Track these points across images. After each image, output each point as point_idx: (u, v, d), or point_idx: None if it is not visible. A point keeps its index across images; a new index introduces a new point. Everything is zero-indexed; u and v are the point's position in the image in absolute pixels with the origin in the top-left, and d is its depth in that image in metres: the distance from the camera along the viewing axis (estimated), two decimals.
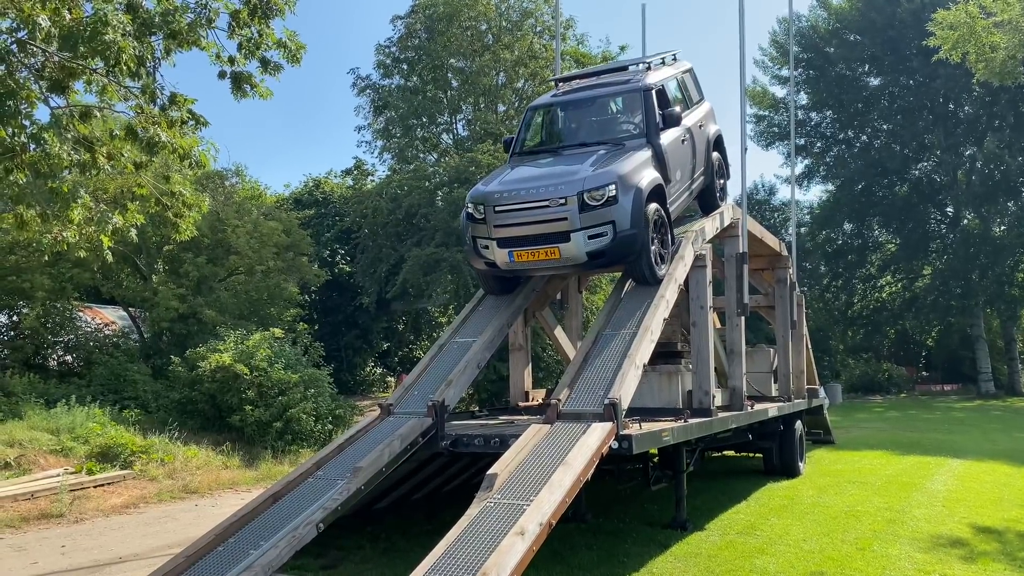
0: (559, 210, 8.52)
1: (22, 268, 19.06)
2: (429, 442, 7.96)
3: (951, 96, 38.79)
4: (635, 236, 8.57)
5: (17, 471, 12.68)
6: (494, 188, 9.05)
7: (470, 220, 9.22)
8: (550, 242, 8.64)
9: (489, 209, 8.86)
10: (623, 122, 10.25)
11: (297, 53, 9.11)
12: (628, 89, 10.19)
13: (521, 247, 8.81)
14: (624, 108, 10.33)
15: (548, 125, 10.86)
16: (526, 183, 8.94)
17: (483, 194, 9.06)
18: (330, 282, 28.88)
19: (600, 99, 10.42)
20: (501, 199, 8.84)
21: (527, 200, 8.70)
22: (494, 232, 8.90)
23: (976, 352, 39.37)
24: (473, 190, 9.43)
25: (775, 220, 43.97)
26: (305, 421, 16.63)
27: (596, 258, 8.70)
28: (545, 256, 8.73)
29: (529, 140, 10.66)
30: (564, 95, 10.78)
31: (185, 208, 9.99)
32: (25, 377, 17.39)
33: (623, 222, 8.51)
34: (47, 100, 8.42)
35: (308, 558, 7.66)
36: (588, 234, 8.52)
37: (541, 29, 28.65)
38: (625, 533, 9.14)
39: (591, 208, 8.46)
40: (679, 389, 9.99)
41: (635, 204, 8.57)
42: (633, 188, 8.63)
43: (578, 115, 10.49)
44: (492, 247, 8.96)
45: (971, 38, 22.77)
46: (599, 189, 8.47)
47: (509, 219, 8.79)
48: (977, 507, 10.53)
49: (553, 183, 8.70)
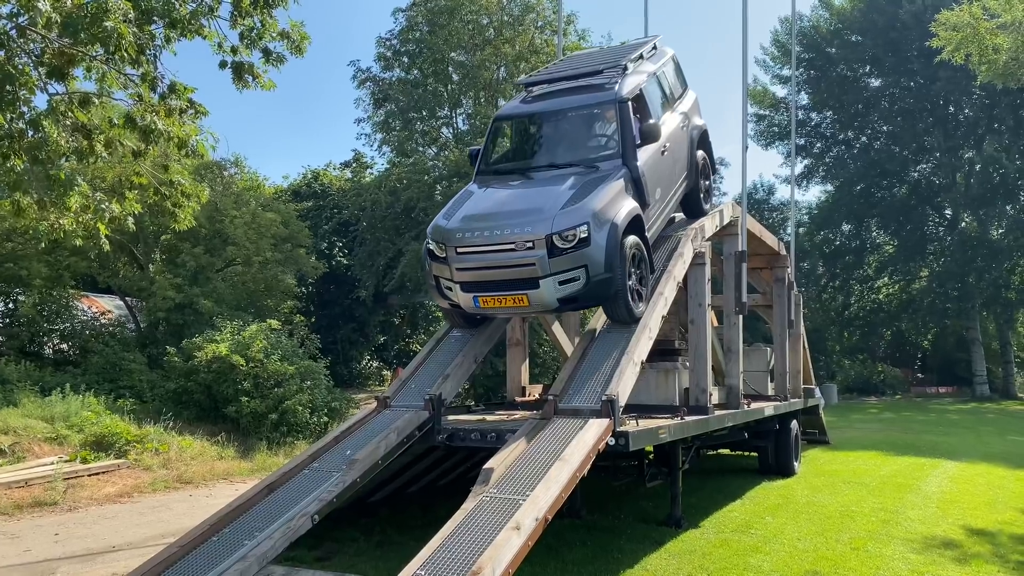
0: (526, 254, 7.72)
1: (19, 255, 19.03)
2: (425, 436, 7.95)
3: (951, 98, 38.85)
4: (610, 280, 7.80)
5: (11, 459, 12.66)
6: (455, 225, 8.16)
7: (431, 258, 8.41)
8: (517, 288, 7.88)
9: (450, 249, 8.08)
10: (597, 136, 9.29)
11: (301, 44, 9.05)
12: (601, 100, 9.16)
13: (486, 292, 8.05)
14: (597, 121, 9.33)
15: (516, 138, 9.97)
16: (489, 221, 8.05)
17: (444, 232, 8.20)
18: (328, 274, 28.86)
19: (571, 111, 9.33)
20: (463, 239, 8.01)
21: (491, 243, 7.88)
22: (456, 275, 8.14)
23: (972, 355, 39.47)
24: (433, 224, 8.56)
25: (773, 220, 44.00)
26: (301, 413, 16.63)
27: (569, 303, 8.08)
28: (513, 303, 7.99)
29: (496, 155, 9.78)
30: (533, 102, 9.81)
31: (184, 198, 9.96)
32: (20, 365, 17.35)
33: (597, 265, 7.74)
34: (46, 87, 8.38)
35: (302, 550, 7.65)
36: (559, 279, 7.75)
37: (543, 24, 28.58)
38: (620, 530, 9.15)
39: (562, 252, 7.66)
40: (676, 387, 9.98)
41: (610, 243, 7.77)
42: (608, 224, 7.81)
43: (547, 129, 9.51)
44: (456, 290, 8.23)
45: (974, 40, 22.75)
46: (570, 230, 7.65)
47: (472, 262, 8.01)
48: (971, 509, 10.55)
49: (519, 222, 7.85)
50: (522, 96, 10.23)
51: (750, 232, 11.86)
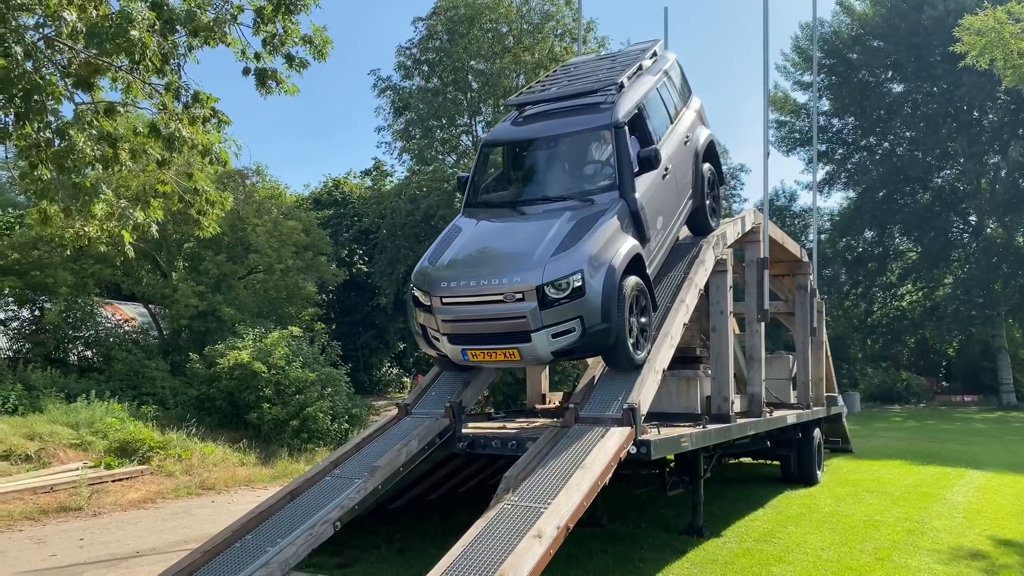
0: (516, 307, 7.10)
1: (45, 264, 19.29)
2: (446, 443, 7.96)
3: (975, 103, 38.42)
4: (608, 330, 7.18)
5: (37, 464, 12.80)
6: (440, 273, 7.60)
7: (417, 306, 7.83)
8: (508, 342, 7.31)
9: (435, 299, 7.50)
10: (592, 163, 8.68)
11: (324, 49, 9.11)
12: (595, 125, 8.48)
13: (475, 345, 7.49)
14: (592, 146, 8.71)
15: (505, 166, 9.36)
16: (476, 268, 7.50)
17: (428, 279, 7.64)
18: (348, 282, 29.03)
19: (563, 137, 8.68)
20: (448, 289, 7.41)
21: (477, 293, 7.27)
22: (442, 327, 7.57)
23: (998, 363, 38.91)
24: (418, 268, 7.95)
25: (795, 226, 43.67)
26: (321, 420, 16.71)
27: (564, 355, 7.56)
28: (504, 357, 7.44)
29: (485, 184, 9.15)
30: (523, 126, 9.10)
31: (208, 205, 10.04)
32: (46, 372, 17.58)
33: (593, 316, 7.13)
34: (72, 96, 8.49)
35: (323, 556, 7.65)
36: (552, 332, 7.15)
37: (562, 32, 28.66)
38: (641, 538, 9.09)
39: (555, 303, 7.06)
40: (698, 394, 9.93)
41: (607, 290, 7.15)
42: (604, 269, 7.20)
43: (539, 156, 8.88)
44: (443, 341, 7.66)
45: (999, 44, 22.51)
46: (563, 279, 7.05)
47: (458, 314, 7.45)
48: (998, 520, 10.39)
49: (507, 269, 7.26)
50: (513, 116, 9.45)
51: (772, 239, 11.79)
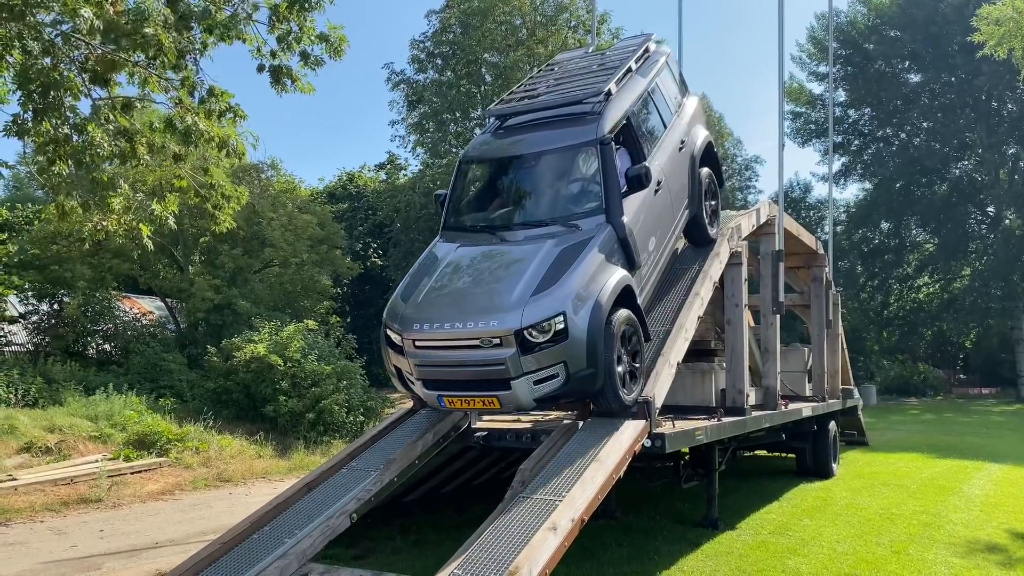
0: (493, 353, 6.49)
1: (63, 258, 19.50)
2: (461, 436, 8.00)
3: (994, 93, 38.05)
4: (594, 375, 6.61)
5: (58, 456, 12.96)
6: (412, 313, 6.98)
7: (389, 346, 7.19)
8: (486, 389, 6.70)
9: (408, 341, 6.87)
10: (577, 181, 7.94)
11: (339, 46, 9.09)
12: (578, 142, 7.81)
13: (451, 392, 6.88)
14: (576, 163, 7.96)
15: (484, 185, 8.64)
16: (450, 310, 6.85)
17: (400, 318, 7.03)
18: (363, 275, 29.13)
19: (545, 154, 7.98)
20: (420, 332, 6.79)
21: (451, 337, 6.65)
22: (416, 371, 6.96)
23: (1016, 355, 38.60)
24: (390, 304, 7.37)
25: (810, 218, 43.46)
26: (337, 412, 16.81)
27: (548, 401, 6.91)
28: (483, 405, 6.85)
29: (463, 203, 8.56)
30: (503, 139, 8.46)
31: (224, 200, 10.08)
32: (66, 365, 17.79)
33: (578, 360, 6.53)
34: (89, 92, 8.56)
35: (340, 548, 7.73)
36: (534, 379, 6.54)
37: (576, 24, 28.59)
38: (655, 531, 9.10)
39: (536, 347, 6.44)
40: (712, 387, 9.91)
41: (592, 331, 6.53)
42: (590, 306, 6.59)
43: (520, 175, 8.20)
44: (418, 385, 7.07)
45: (1018, 33, 22.23)
46: (545, 321, 6.43)
47: (431, 358, 6.83)
48: (1016, 513, 10.33)
49: (484, 309, 6.64)
50: (493, 127, 8.78)
51: (787, 231, 11.74)
